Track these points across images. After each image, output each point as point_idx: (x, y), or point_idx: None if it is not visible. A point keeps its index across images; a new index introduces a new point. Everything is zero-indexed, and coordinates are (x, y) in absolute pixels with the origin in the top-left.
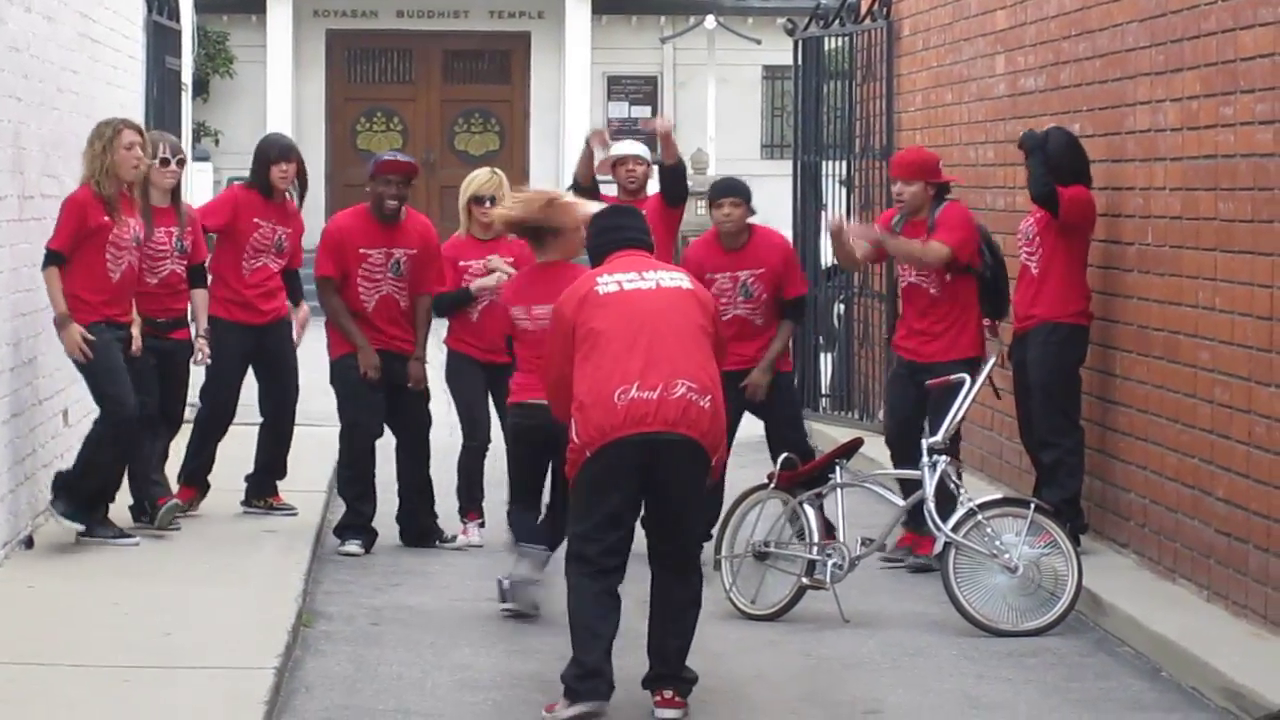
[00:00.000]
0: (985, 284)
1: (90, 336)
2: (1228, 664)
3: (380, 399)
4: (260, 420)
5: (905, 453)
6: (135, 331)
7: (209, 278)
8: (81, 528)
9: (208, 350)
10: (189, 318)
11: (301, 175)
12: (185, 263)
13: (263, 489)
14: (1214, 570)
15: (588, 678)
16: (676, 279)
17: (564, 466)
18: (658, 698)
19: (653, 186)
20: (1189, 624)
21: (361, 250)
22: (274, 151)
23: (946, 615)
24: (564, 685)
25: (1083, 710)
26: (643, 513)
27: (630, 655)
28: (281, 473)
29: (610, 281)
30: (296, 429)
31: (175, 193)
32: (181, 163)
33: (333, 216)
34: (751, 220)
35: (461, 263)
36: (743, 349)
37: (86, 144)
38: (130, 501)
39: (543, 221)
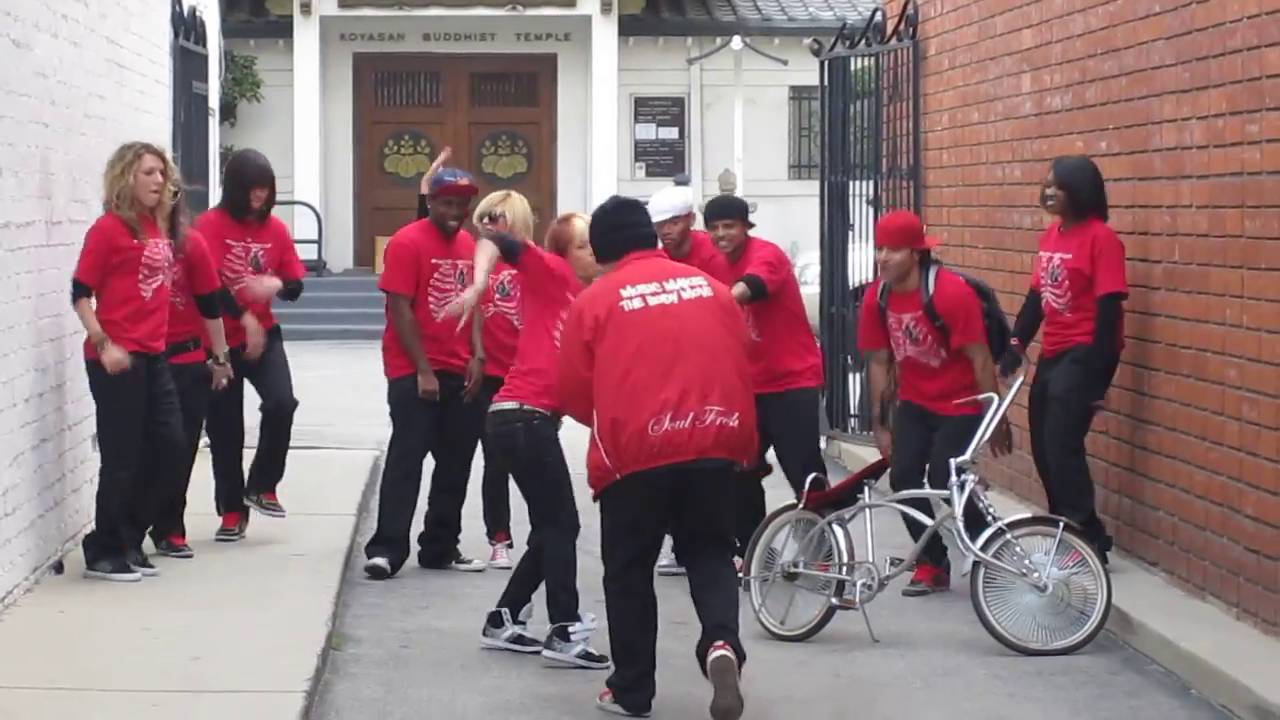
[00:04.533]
0: (991, 336)
1: (127, 363)
2: (1258, 681)
3: (433, 422)
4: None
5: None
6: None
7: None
8: (136, 576)
9: (224, 380)
10: (191, 344)
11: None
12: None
13: (259, 484)
14: (1243, 587)
15: (634, 690)
16: (697, 287)
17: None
18: (712, 649)
19: None
20: (1219, 641)
21: (434, 261)
22: (251, 173)
23: (976, 635)
24: (612, 690)
25: None
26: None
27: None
28: (278, 473)
29: (634, 296)
30: (326, 452)
31: (172, 215)
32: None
33: (398, 233)
34: (751, 234)
35: None
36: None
37: (107, 166)
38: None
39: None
